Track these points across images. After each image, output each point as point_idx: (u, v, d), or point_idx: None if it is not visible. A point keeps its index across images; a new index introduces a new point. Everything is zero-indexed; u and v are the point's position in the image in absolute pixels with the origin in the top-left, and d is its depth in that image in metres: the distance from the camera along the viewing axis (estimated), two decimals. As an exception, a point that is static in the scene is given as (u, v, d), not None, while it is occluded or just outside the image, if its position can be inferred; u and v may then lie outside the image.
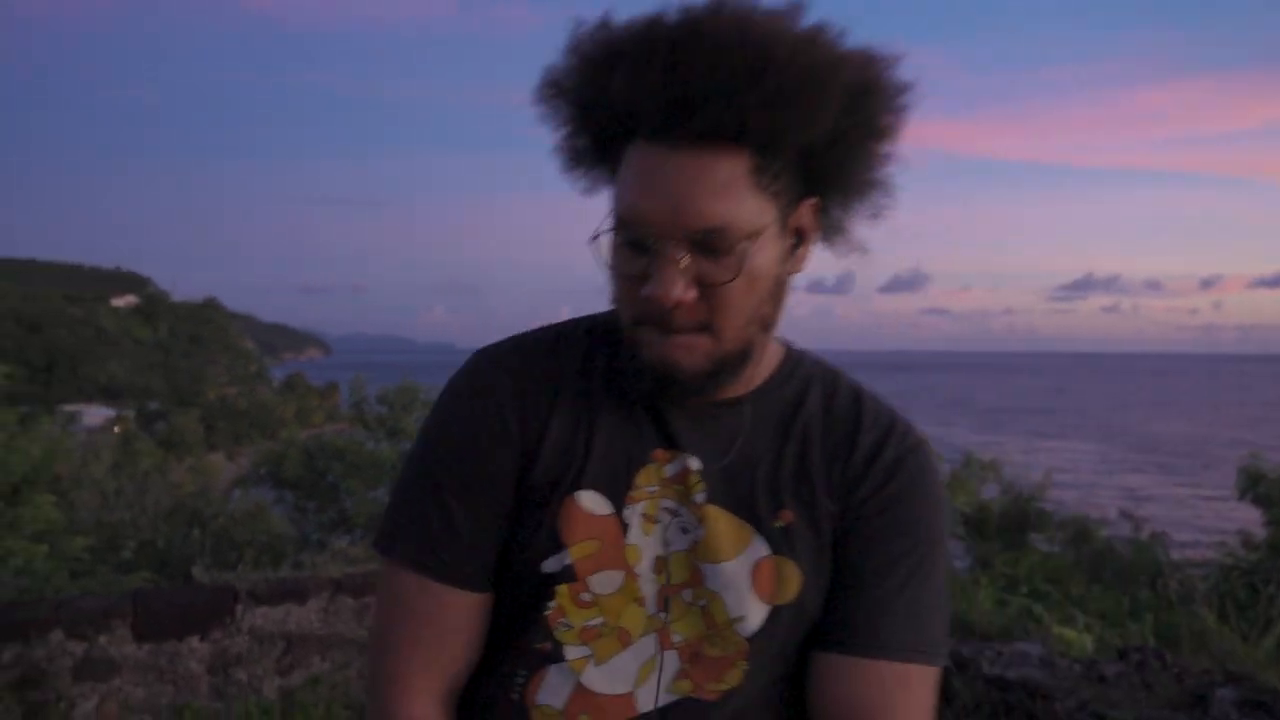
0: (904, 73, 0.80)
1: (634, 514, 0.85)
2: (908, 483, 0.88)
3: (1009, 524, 12.18)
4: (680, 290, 0.77)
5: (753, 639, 0.85)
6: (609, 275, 0.83)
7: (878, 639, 0.84)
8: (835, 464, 0.88)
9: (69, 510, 6.60)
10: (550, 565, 0.84)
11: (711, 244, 0.77)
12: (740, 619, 0.85)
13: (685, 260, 0.77)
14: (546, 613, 0.85)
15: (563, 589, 0.85)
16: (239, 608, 4.00)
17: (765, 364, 0.90)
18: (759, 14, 0.77)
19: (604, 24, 0.80)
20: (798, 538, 0.86)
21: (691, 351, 0.81)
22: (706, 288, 0.79)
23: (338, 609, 4.00)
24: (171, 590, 4.37)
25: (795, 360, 0.93)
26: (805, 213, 0.83)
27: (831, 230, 0.87)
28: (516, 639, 0.87)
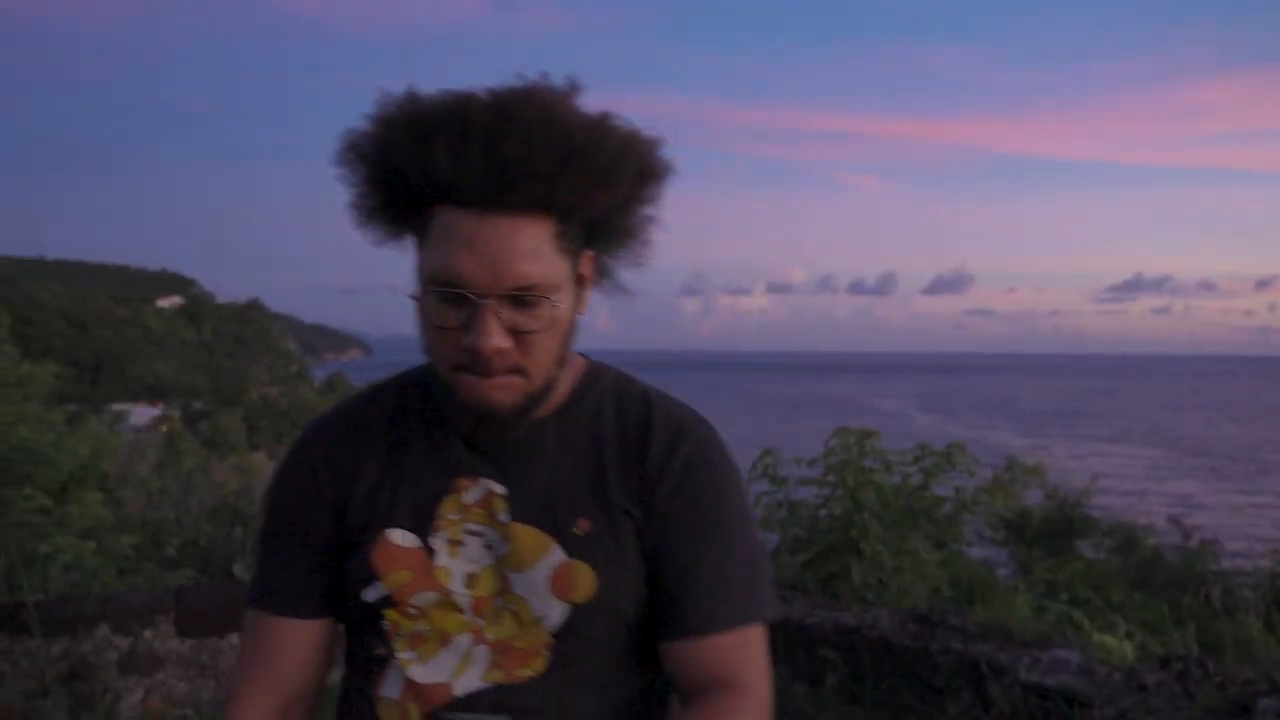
0: (665, 152, 0.97)
1: (439, 541, 0.99)
2: (704, 475, 1.01)
3: (1052, 529, 11.97)
4: (499, 339, 0.90)
5: (556, 634, 0.98)
6: (424, 328, 0.95)
7: (714, 618, 0.98)
8: (630, 471, 1.00)
9: (116, 508, 6.77)
10: (369, 595, 1.00)
11: (524, 299, 0.90)
12: (543, 617, 0.98)
13: (503, 313, 0.90)
14: (384, 626, 1.00)
15: (390, 610, 1.00)
16: (278, 605, 4.07)
17: (563, 384, 1.02)
18: (558, 99, 0.91)
19: (411, 97, 0.91)
20: (595, 543, 0.98)
21: (508, 391, 0.93)
22: (519, 335, 0.92)
23: (374, 607, 4.06)
24: (212, 588, 4.46)
25: (592, 376, 1.06)
26: (585, 262, 0.98)
27: (602, 275, 1.02)
28: (365, 647, 1.03)
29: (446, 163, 0.86)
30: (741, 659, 0.98)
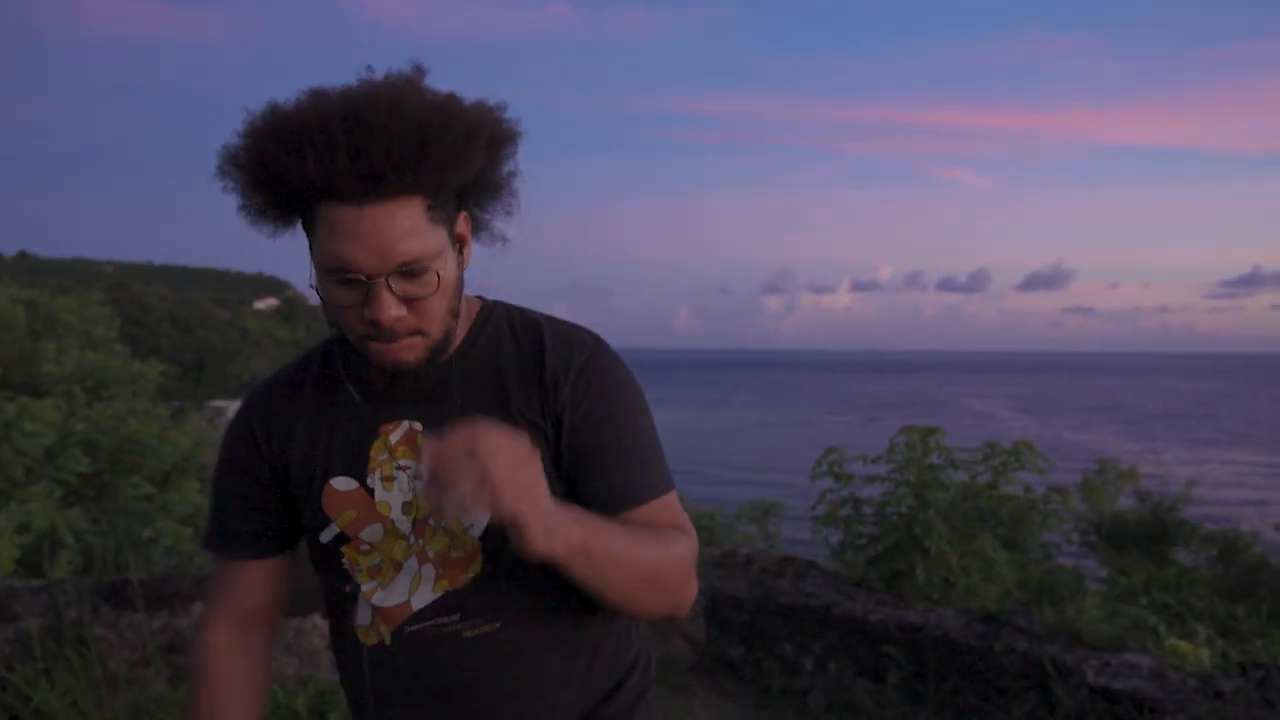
0: (512, 114, 1.08)
1: (375, 480, 1.14)
2: (597, 380, 1.15)
3: (1146, 534, 11.53)
4: (395, 310, 1.03)
5: (482, 538, 1.13)
6: (326, 301, 1.07)
7: (631, 495, 1.12)
8: (530, 386, 1.14)
9: (214, 497, 7.18)
10: (325, 536, 1.16)
11: (410, 271, 1.03)
12: (469, 526, 1.12)
13: (395, 286, 1.02)
14: (344, 565, 1.16)
15: (345, 548, 1.16)
16: (358, 589, 4.27)
17: (461, 325, 1.16)
18: (407, 89, 1.01)
19: (273, 109, 1.02)
20: None
21: (412, 350, 1.08)
22: (412, 302, 1.05)
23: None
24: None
25: (486, 313, 1.20)
26: (461, 223, 1.10)
27: (478, 229, 1.15)
28: (335, 588, 1.19)
29: (317, 169, 0.97)
30: (667, 519, 1.13)
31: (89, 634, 3.76)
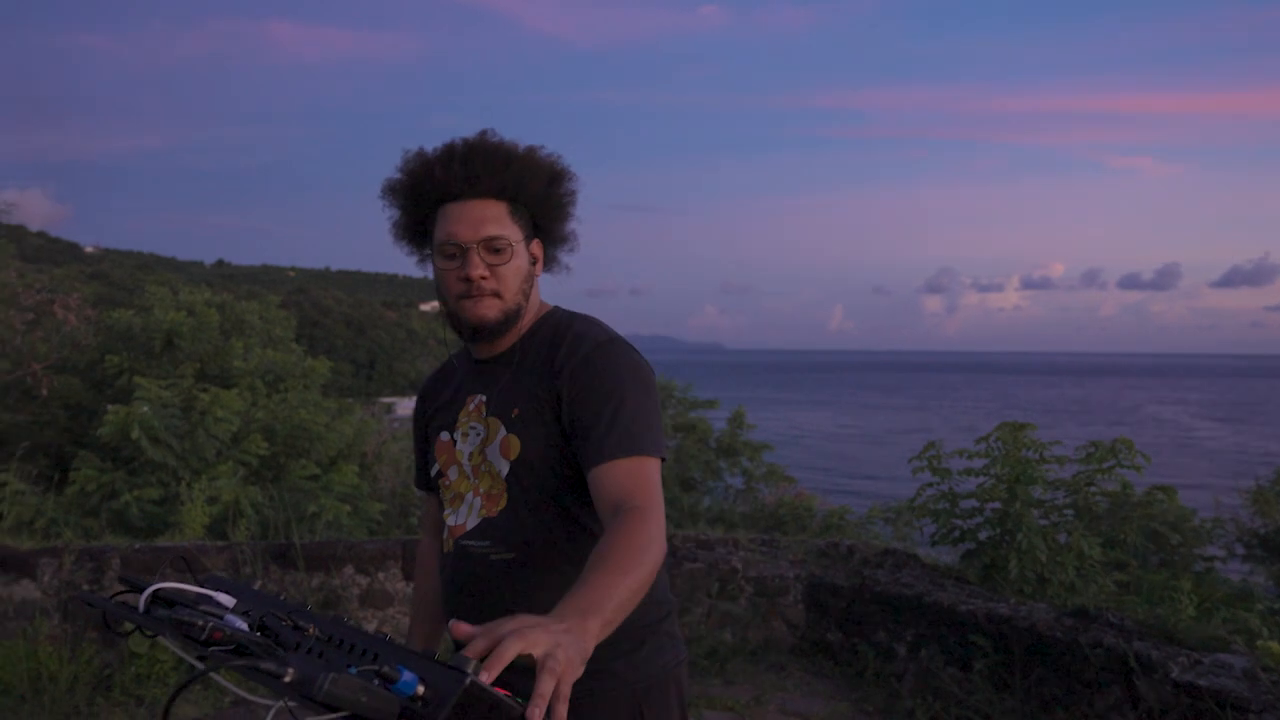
0: (574, 181, 1.61)
1: (458, 435, 1.62)
2: (597, 363, 1.50)
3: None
4: (481, 269, 1.50)
5: (506, 480, 1.54)
6: (438, 278, 1.55)
7: (609, 449, 1.41)
8: (547, 369, 1.54)
9: (372, 481, 7.95)
10: (434, 471, 1.67)
11: (494, 246, 1.51)
12: (499, 471, 1.55)
13: (481, 254, 1.50)
14: (441, 495, 1.66)
15: (440, 482, 1.65)
16: (483, 561, 4.76)
17: (525, 324, 1.60)
18: (506, 142, 1.55)
19: (420, 152, 1.56)
20: (521, 422, 1.53)
21: (491, 308, 1.52)
22: (493, 268, 1.51)
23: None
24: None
25: (544, 316, 1.62)
26: (535, 246, 1.60)
27: (549, 260, 1.63)
28: (438, 511, 1.72)
29: (441, 173, 1.50)
30: (636, 483, 1.38)
31: (261, 588, 4.43)
